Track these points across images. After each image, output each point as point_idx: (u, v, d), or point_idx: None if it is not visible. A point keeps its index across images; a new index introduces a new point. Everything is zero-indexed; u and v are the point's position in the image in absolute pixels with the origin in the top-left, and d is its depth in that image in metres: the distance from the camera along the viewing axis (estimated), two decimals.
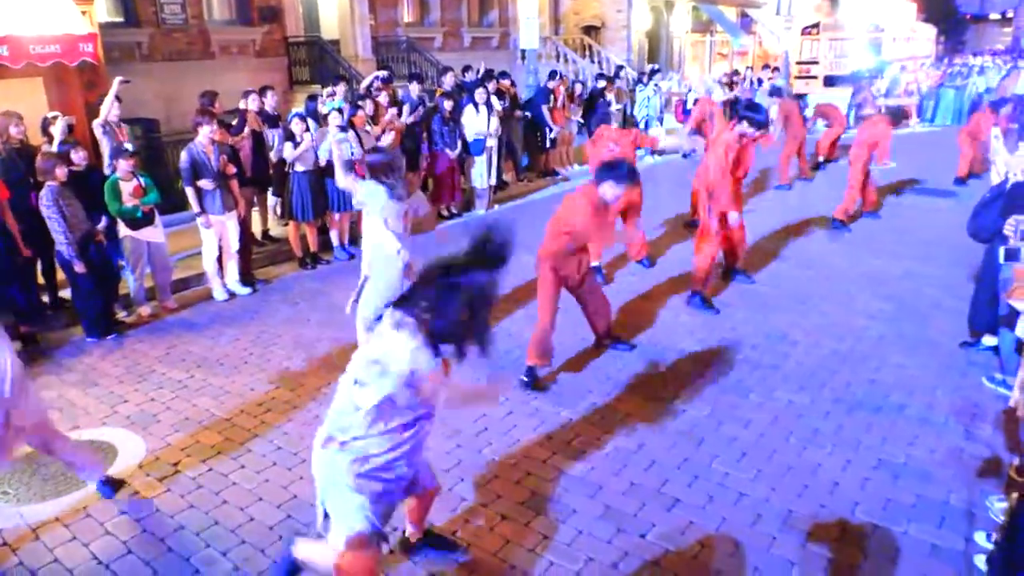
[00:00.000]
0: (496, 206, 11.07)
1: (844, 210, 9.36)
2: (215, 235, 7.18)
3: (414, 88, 10.13)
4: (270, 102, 8.79)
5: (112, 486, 4.22)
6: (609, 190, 5.15)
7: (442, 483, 4.16)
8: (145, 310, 7.03)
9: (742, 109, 6.34)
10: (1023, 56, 28.01)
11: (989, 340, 5.53)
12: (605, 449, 4.51)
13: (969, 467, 4.21)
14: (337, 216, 8.56)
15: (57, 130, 6.90)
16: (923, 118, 19.29)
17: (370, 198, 5.22)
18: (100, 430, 4.94)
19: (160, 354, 6.18)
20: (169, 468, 4.45)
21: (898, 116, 14.21)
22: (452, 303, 2.61)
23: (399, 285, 5.07)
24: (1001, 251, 3.07)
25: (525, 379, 5.34)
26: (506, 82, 11.99)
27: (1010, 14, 44.71)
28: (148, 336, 6.58)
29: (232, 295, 7.49)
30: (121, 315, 6.96)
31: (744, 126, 6.35)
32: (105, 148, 7.50)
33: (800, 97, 17.61)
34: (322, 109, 8.60)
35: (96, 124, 7.55)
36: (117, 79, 7.61)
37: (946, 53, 29.56)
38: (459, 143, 10.15)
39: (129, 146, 7.36)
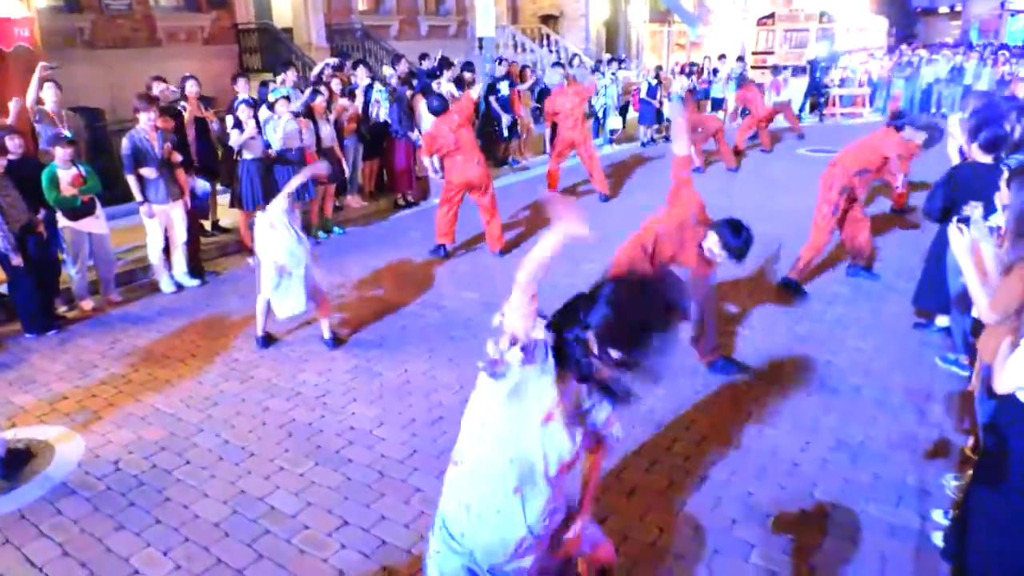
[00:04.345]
0: None
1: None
2: (159, 225, 6.93)
3: (361, 73, 9.94)
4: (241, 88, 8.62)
5: None
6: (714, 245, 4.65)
7: (396, 474, 4.08)
8: (88, 304, 6.76)
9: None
10: (973, 48, 28.63)
11: (941, 321, 5.57)
12: None
13: (925, 446, 4.22)
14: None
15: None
16: (875, 107, 19.60)
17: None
18: (37, 428, 4.71)
19: (103, 349, 5.94)
20: (110, 466, 4.26)
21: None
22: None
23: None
24: (954, 223, 3.07)
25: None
26: (469, 75, 11.83)
27: (959, 8, 45.75)
28: (91, 331, 6.33)
29: (180, 287, 7.24)
30: (62, 310, 6.68)
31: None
32: (40, 136, 7.21)
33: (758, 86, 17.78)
34: (271, 96, 8.38)
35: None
36: (40, 64, 7.31)
37: (897, 45, 30.09)
38: (416, 130, 10.02)
39: (68, 133, 7.06)
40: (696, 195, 4.92)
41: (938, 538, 3.38)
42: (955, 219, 3.22)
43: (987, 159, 4.81)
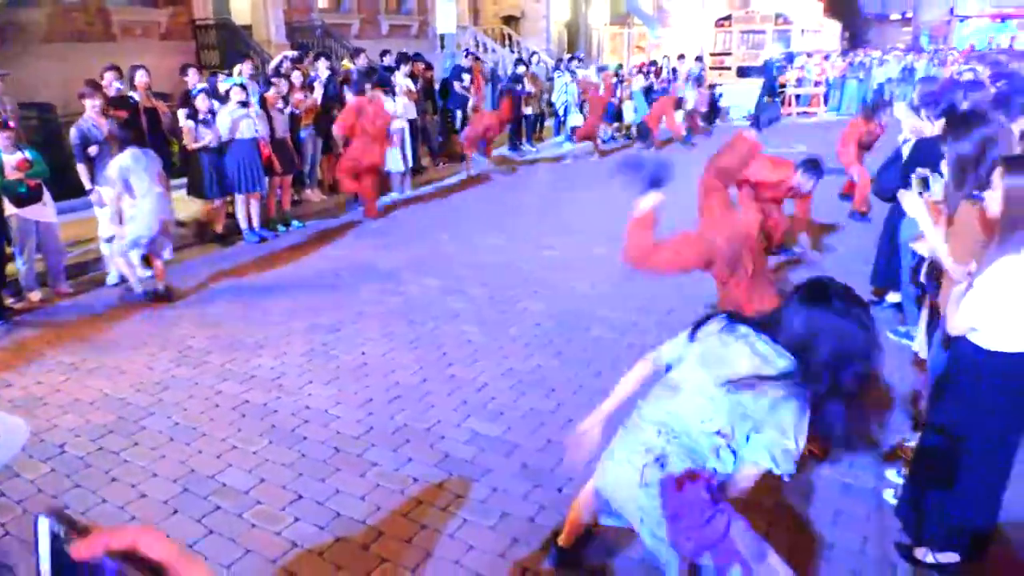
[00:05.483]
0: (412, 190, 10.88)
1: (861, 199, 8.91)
2: (112, 212, 6.75)
3: (321, 65, 9.88)
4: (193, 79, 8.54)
5: None
6: None
7: (352, 449, 4.02)
8: (36, 295, 6.57)
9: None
10: (922, 52, 29.33)
11: (893, 297, 5.68)
12: (522, 410, 4.40)
13: (877, 410, 4.28)
14: (241, 197, 8.18)
15: None
16: (829, 107, 19.99)
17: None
18: None
19: (51, 338, 5.77)
20: (55, 449, 4.13)
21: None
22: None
23: None
24: (914, 179, 3.13)
25: None
26: (420, 65, 11.81)
27: (909, 14, 46.85)
28: (38, 321, 6.15)
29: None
30: (9, 301, 6.46)
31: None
32: None
33: (712, 87, 18.07)
34: (221, 86, 8.26)
35: None
36: None
37: (851, 48, 30.73)
38: None
39: (7, 116, 6.88)
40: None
41: (890, 495, 3.42)
42: (913, 176, 3.27)
43: None
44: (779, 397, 2.15)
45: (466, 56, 12.99)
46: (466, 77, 12.31)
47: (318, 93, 9.46)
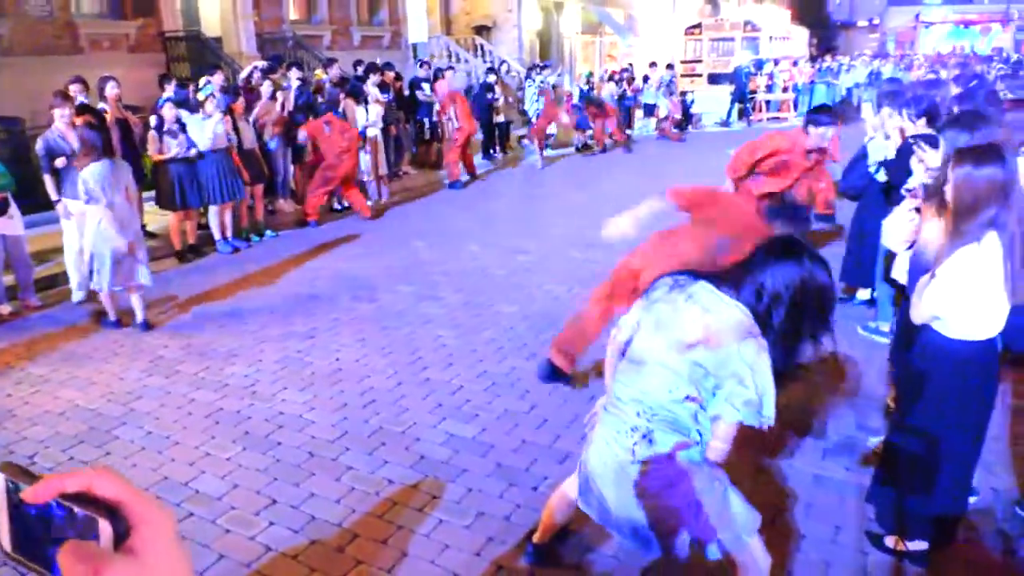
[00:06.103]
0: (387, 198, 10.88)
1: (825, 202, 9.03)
2: (77, 225, 6.68)
3: (292, 75, 9.85)
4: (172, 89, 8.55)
5: None
6: None
7: (326, 454, 4.01)
8: (5, 309, 6.47)
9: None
10: (888, 57, 29.87)
11: (863, 294, 5.77)
12: (496, 412, 4.41)
13: (847, 404, 4.34)
14: (215, 208, 8.13)
15: None
16: (799, 112, 20.27)
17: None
18: None
19: (20, 351, 5.68)
20: (24, 460, 4.06)
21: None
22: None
23: None
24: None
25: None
26: (390, 74, 11.83)
27: (876, 20, 47.79)
28: (7, 334, 6.05)
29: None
30: None
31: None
32: None
33: (684, 94, 18.27)
34: (200, 95, 8.20)
35: None
36: None
37: (819, 55, 31.24)
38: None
39: None
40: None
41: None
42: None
43: (928, 130, 4.96)
44: (733, 349, 2.17)
45: (420, 67, 13.08)
46: (425, 87, 12.40)
47: (285, 100, 9.40)
